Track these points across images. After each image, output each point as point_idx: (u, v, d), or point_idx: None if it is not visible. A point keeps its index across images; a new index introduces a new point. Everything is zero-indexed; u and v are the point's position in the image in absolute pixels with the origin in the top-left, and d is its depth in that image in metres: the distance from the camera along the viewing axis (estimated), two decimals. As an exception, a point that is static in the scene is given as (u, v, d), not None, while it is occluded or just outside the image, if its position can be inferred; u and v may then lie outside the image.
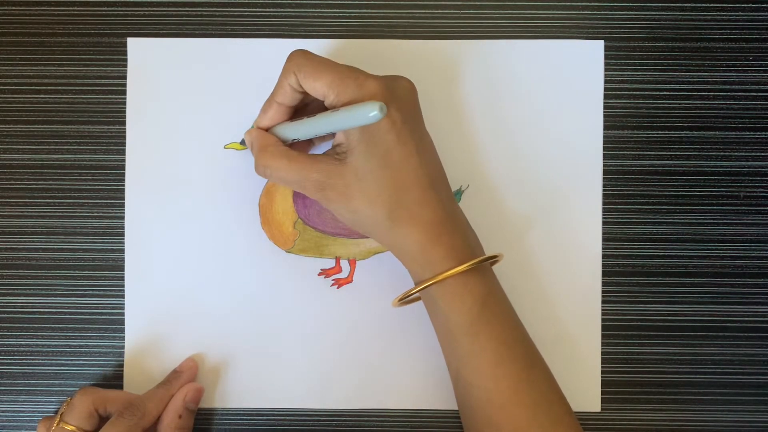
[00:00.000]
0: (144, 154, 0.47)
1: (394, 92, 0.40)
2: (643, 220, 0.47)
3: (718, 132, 0.47)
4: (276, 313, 0.47)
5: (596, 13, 0.47)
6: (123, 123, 0.47)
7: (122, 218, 0.47)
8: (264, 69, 0.47)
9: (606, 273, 0.47)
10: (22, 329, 0.47)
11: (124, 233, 0.47)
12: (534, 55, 0.47)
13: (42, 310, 0.47)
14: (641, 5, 0.47)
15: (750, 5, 0.47)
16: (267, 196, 0.47)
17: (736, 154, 0.47)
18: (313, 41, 0.47)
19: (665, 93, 0.47)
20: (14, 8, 0.47)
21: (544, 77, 0.47)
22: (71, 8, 0.47)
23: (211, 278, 0.47)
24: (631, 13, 0.47)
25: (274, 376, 0.47)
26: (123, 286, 0.47)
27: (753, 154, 0.47)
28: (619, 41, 0.47)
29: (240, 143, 0.47)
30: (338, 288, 0.47)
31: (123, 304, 0.47)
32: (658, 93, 0.47)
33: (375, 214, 0.40)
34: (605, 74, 0.47)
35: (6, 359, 0.47)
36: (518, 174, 0.47)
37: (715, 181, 0.47)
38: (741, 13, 0.47)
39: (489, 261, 0.41)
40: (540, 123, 0.47)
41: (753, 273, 0.47)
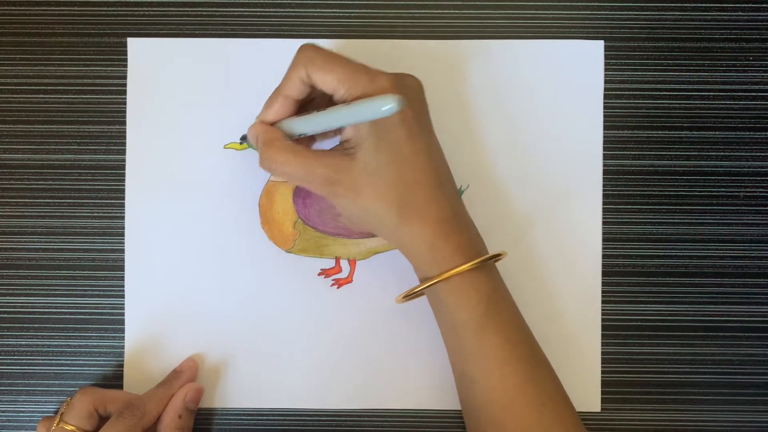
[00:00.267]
0: (144, 154, 0.47)
1: (404, 89, 0.40)
2: (643, 220, 0.47)
3: (718, 132, 0.47)
4: (276, 313, 0.47)
5: (596, 13, 0.47)
6: (123, 123, 0.47)
7: (122, 218, 0.47)
8: (264, 69, 0.47)
9: (606, 273, 0.47)
10: (22, 329, 0.47)
11: (124, 233, 0.47)
12: (534, 55, 0.47)
13: (42, 310, 0.47)
14: (641, 5, 0.47)
15: (750, 5, 0.47)
16: (267, 196, 0.47)
17: (736, 154, 0.47)
18: (314, 41, 0.47)
19: (665, 93, 0.47)
20: (14, 8, 0.47)
21: (544, 77, 0.47)
22: (71, 8, 0.47)
23: (211, 278, 0.47)
24: (631, 13, 0.47)
25: (274, 376, 0.47)
26: (123, 286, 0.47)
27: (753, 154, 0.47)
28: (619, 41, 0.47)
29: (239, 142, 0.47)
30: (338, 288, 0.47)
31: (123, 304, 0.47)
32: (658, 93, 0.47)
33: (384, 211, 0.40)
34: (605, 74, 0.47)
35: (6, 359, 0.47)
36: (518, 174, 0.47)
37: (715, 181, 0.47)
38: (741, 13, 0.47)
39: (493, 259, 0.41)
40: (540, 123, 0.47)
41: (753, 273, 0.47)
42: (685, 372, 0.47)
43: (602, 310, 0.47)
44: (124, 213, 0.47)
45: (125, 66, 0.47)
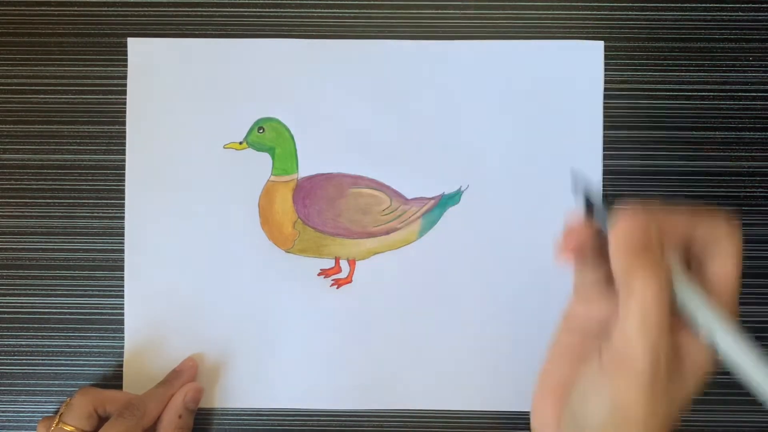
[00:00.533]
0: (144, 154, 0.47)
1: None
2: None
3: (718, 132, 0.47)
4: (275, 313, 0.47)
5: (596, 14, 0.47)
6: (123, 123, 0.47)
7: (122, 218, 0.47)
8: (264, 69, 0.47)
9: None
10: (22, 329, 0.47)
11: (124, 233, 0.47)
12: (534, 55, 0.47)
13: (42, 310, 0.47)
14: (641, 5, 0.47)
15: (750, 5, 0.47)
16: (266, 197, 0.47)
17: (736, 154, 0.47)
18: (313, 41, 0.47)
19: (665, 93, 0.47)
20: (14, 8, 0.47)
21: (544, 77, 0.47)
22: (71, 8, 0.47)
23: (211, 278, 0.47)
24: (631, 13, 0.47)
25: (274, 376, 0.47)
26: (122, 287, 0.47)
27: (753, 154, 0.47)
28: (619, 41, 0.47)
29: (239, 142, 0.47)
30: (338, 288, 0.47)
31: (122, 304, 0.47)
32: (658, 93, 0.47)
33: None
34: (605, 74, 0.47)
35: (6, 359, 0.47)
36: (518, 174, 0.47)
37: (715, 181, 0.47)
38: (741, 13, 0.47)
39: None
40: (539, 123, 0.47)
41: (753, 273, 0.47)
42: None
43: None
44: (124, 213, 0.47)
45: (125, 66, 0.47)
